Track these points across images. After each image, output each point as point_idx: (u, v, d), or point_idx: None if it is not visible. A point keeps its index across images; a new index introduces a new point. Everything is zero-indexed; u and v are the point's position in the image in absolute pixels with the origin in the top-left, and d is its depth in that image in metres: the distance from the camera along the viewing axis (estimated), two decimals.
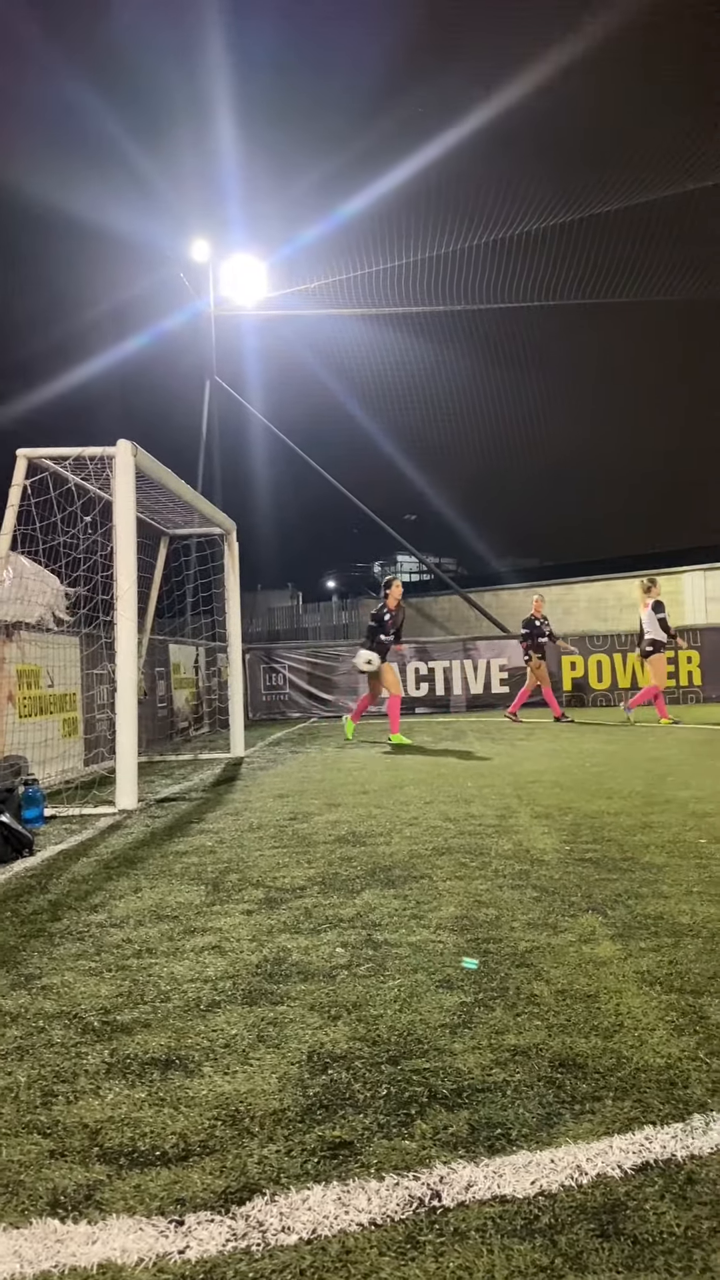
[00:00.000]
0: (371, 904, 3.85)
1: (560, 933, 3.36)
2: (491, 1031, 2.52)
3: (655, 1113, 2.06)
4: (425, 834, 5.35)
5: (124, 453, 6.78)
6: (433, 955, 3.16)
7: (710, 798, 6.27)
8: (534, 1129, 2.01)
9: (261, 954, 3.25)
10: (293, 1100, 2.17)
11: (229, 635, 10.62)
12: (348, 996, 2.81)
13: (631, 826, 5.34)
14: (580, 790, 6.84)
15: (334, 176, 17.38)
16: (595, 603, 22.34)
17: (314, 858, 4.80)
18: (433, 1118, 2.07)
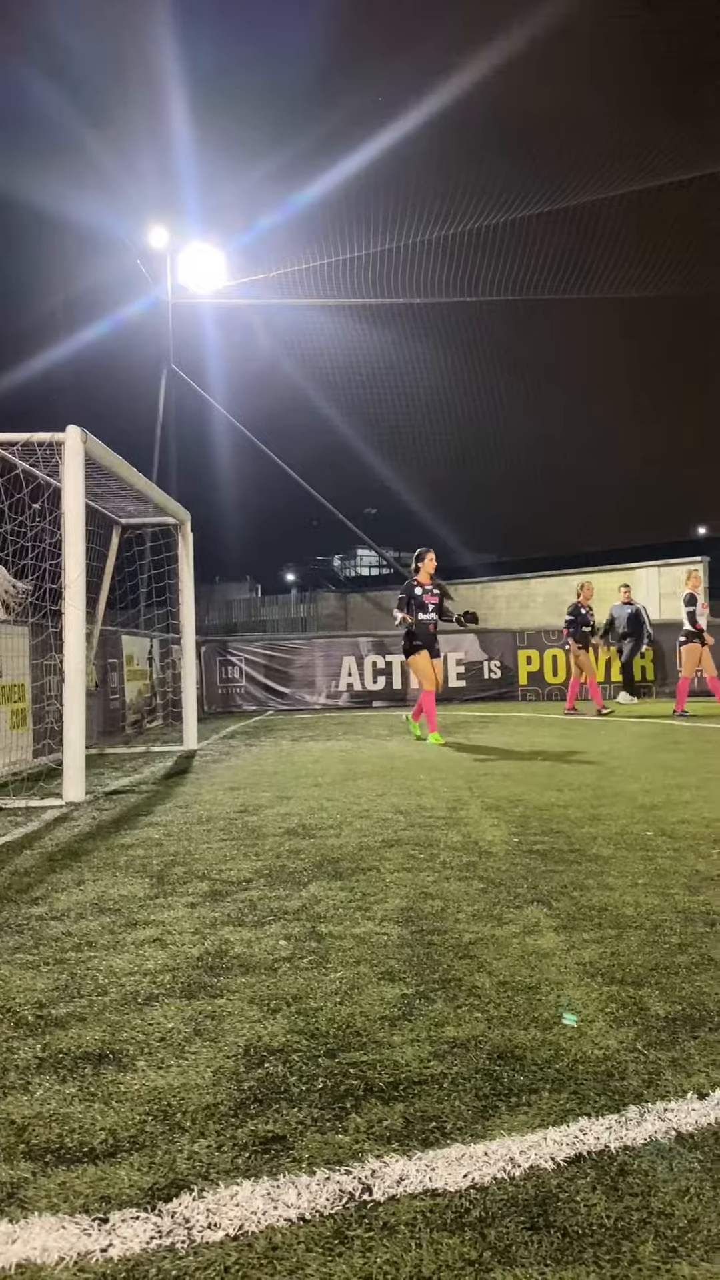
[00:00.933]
0: (318, 896, 3.82)
1: (505, 924, 3.35)
2: (431, 1024, 2.50)
3: (591, 1104, 2.05)
4: (375, 826, 5.33)
5: (73, 438, 6.68)
6: (376, 947, 3.14)
7: (658, 790, 6.31)
8: (469, 1122, 1.99)
9: (203, 947, 3.21)
10: (226, 1095, 2.14)
11: (183, 626, 10.52)
12: (288, 989, 2.78)
13: (580, 819, 5.36)
14: (531, 783, 6.86)
15: (291, 164, 17.29)
16: (551, 598, 22.46)
17: (262, 850, 4.77)
18: (368, 1111, 2.05)
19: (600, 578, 22.06)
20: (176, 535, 10.32)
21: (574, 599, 14.64)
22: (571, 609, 14.13)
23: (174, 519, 10.12)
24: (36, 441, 6.87)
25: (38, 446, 6.99)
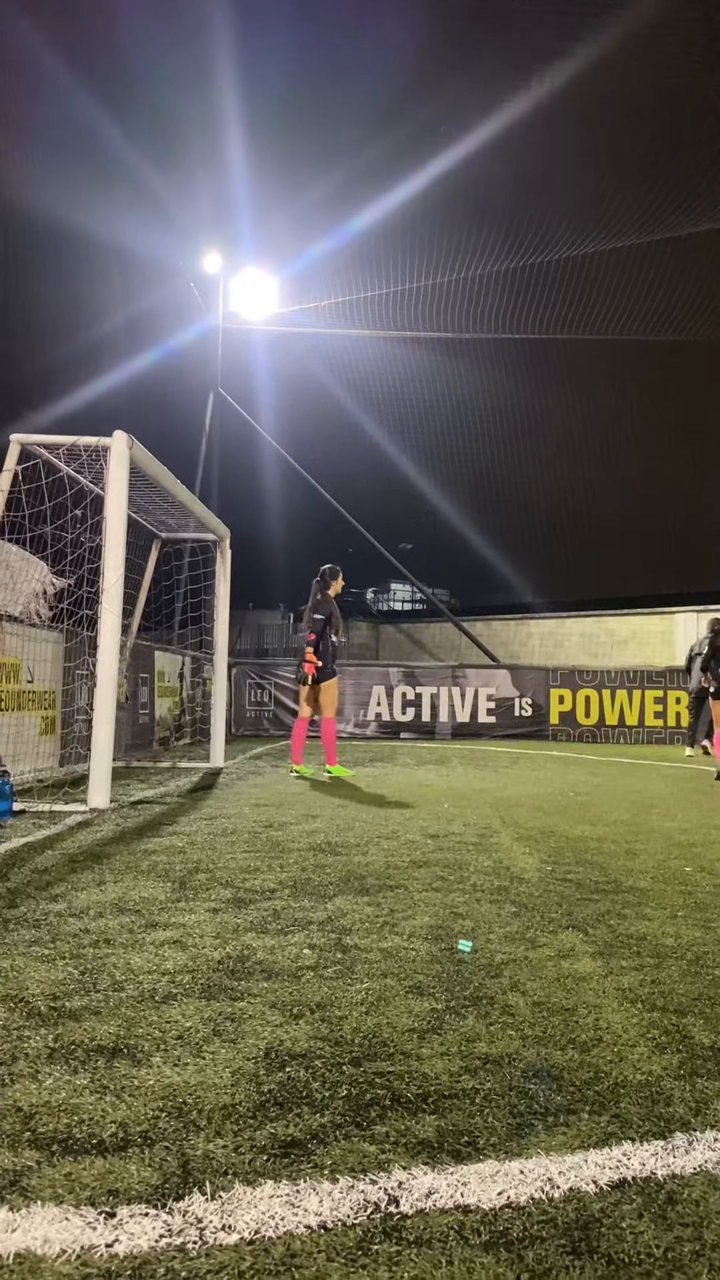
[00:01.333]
0: (343, 909, 3.69)
1: (538, 947, 3.21)
2: (462, 1039, 2.36)
3: (634, 1129, 1.91)
4: (403, 847, 5.20)
5: (119, 443, 6.67)
6: (404, 961, 3.01)
7: (695, 829, 6.13)
8: (503, 1138, 1.86)
9: (225, 951, 3.09)
10: (245, 1096, 2.02)
11: (216, 643, 10.47)
12: (312, 996, 2.66)
13: (615, 852, 5.20)
14: (564, 816, 6.69)
15: (344, 190, 17.42)
16: (587, 638, 22.27)
17: (287, 863, 4.65)
18: (395, 1121, 1.92)
19: (638, 620, 21.86)
20: (215, 551, 10.30)
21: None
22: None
23: (214, 535, 10.10)
24: (83, 445, 6.86)
25: (83, 451, 6.99)
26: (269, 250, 20.21)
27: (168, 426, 21.81)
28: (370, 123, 17.61)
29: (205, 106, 16.62)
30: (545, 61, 15.72)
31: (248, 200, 18.77)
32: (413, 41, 15.82)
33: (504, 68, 15.68)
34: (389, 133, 17.23)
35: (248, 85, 16.11)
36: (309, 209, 18.39)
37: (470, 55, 15.83)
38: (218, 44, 15.35)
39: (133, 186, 18.61)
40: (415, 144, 16.75)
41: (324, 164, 17.88)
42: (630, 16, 15.41)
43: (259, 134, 17.05)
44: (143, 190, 18.60)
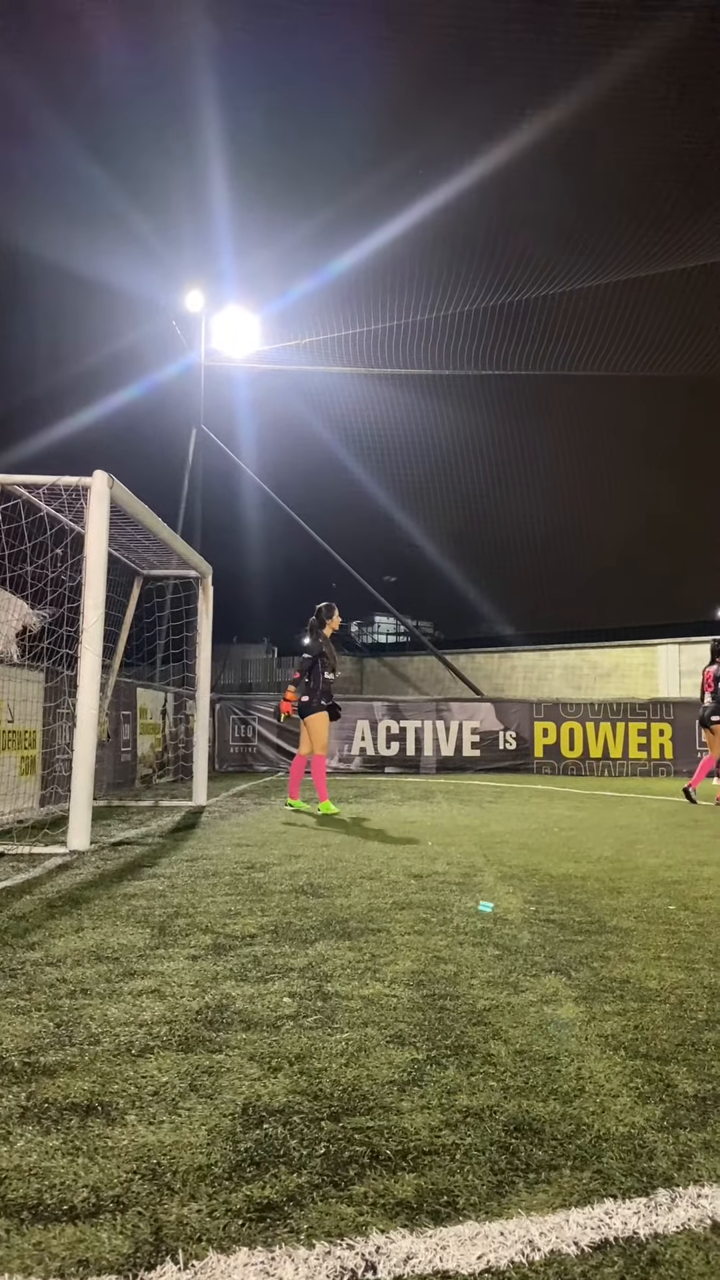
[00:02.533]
0: (325, 955, 3.65)
1: (521, 992, 3.18)
2: (443, 1091, 2.33)
3: (617, 1185, 1.88)
4: (386, 888, 5.16)
5: (100, 483, 6.67)
6: (385, 1009, 2.97)
7: (679, 865, 6.11)
8: (484, 1198, 1.82)
9: (203, 1000, 3.04)
10: (221, 1155, 1.98)
11: (198, 680, 10.43)
12: (291, 1048, 2.62)
13: (599, 890, 5.17)
14: (548, 853, 6.66)
15: (326, 231, 17.63)
16: (570, 671, 22.31)
17: (268, 907, 4.60)
18: (373, 1180, 1.88)
19: (620, 653, 21.94)
20: (197, 588, 10.29)
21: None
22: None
23: (196, 571, 10.09)
24: (64, 485, 6.86)
25: (64, 491, 6.99)
26: (251, 289, 20.41)
27: (150, 463, 21.89)
28: (350, 167, 17.87)
29: (189, 150, 16.82)
30: (523, 107, 16.01)
31: (230, 240, 18.97)
32: (391, 89, 16.09)
33: (481, 114, 15.96)
34: (369, 176, 17.48)
35: (230, 129, 16.33)
36: (291, 249, 18.60)
37: (448, 102, 16.11)
38: (202, 90, 15.55)
39: (117, 226, 18.78)
40: (394, 187, 17.00)
41: (305, 206, 18.12)
42: (608, 64, 15.72)
43: (241, 177, 17.27)
44: (126, 230, 18.77)
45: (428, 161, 16.69)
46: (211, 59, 15.11)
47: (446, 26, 14.91)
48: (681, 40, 15.27)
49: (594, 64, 15.74)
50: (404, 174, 16.91)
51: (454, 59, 15.40)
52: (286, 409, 22.28)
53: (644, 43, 15.06)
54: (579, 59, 15.69)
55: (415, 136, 17.02)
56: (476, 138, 15.96)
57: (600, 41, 15.47)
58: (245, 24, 14.46)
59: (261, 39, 14.98)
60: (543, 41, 15.42)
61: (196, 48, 14.73)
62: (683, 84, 16.45)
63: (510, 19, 15.20)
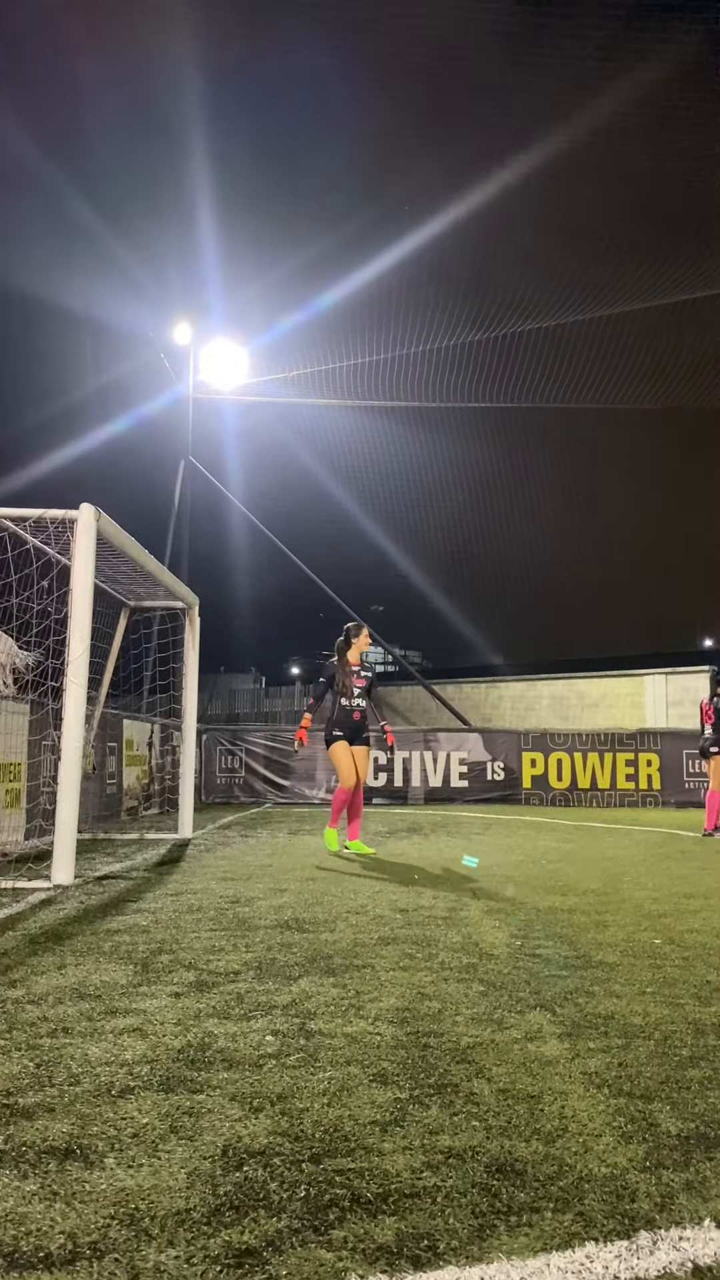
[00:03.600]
0: (308, 992, 3.63)
1: (505, 1029, 3.17)
2: (425, 1131, 2.32)
3: (599, 1228, 1.87)
4: (371, 923, 5.13)
5: (86, 515, 6.69)
6: (369, 1048, 2.96)
7: (666, 898, 6.11)
8: (465, 1241, 1.81)
9: (185, 1039, 3.02)
10: (200, 1199, 1.96)
11: (184, 712, 10.41)
12: (273, 1088, 2.60)
13: (585, 924, 5.16)
14: (534, 886, 6.65)
15: (314, 266, 17.82)
16: (557, 701, 22.34)
17: (252, 942, 4.57)
18: (353, 1224, 1.87)
19: (608, 683, 21.98)
20: (184, 619, 10.29)
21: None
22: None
23: (183, 603, 10.11)
24: (50, 518, 6.88)
25: (50, 524, 7.00)
26: (239, 322, 20.57)
27: (138, 494, 21.96)
28: (338, 202, 18.09)
29: (176, 183, 17.01)
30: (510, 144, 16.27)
31: (218, 274, 19.15)
32: (378, 126, 16.35)
33: (467, 151, 16.21)
34: (357, 212, 17.70)
35: (217, 165, 16.53)
36: (279, 283, 18.78)
37: (434, 139, 16.36)
38: (189, 123, 15.76)
39: (104, 260, 18.94)
40: (382, 223, 17.22)
41: (293, 241, 18.31)
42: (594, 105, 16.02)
43: (229, 211, 17.46)
44: (114, 263, 18.93)
45: (415, 197, 16.93)
46: (199, 94, 15.32)
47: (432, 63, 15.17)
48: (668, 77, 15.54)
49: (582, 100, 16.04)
50: (391, 209, 17.15)
51: (440, 96, 15.66)
52: (275, 440, 22.41)
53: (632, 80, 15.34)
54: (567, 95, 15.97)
55: (402, 173, 17.25)
56: (464, 174, 16.20)
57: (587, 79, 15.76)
58: (233, 59, 14.68)
59: (249, 74, 15.20)
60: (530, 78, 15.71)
61: (184, 83, 14.93)
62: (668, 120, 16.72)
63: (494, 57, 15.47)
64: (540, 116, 15.51)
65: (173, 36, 13.81)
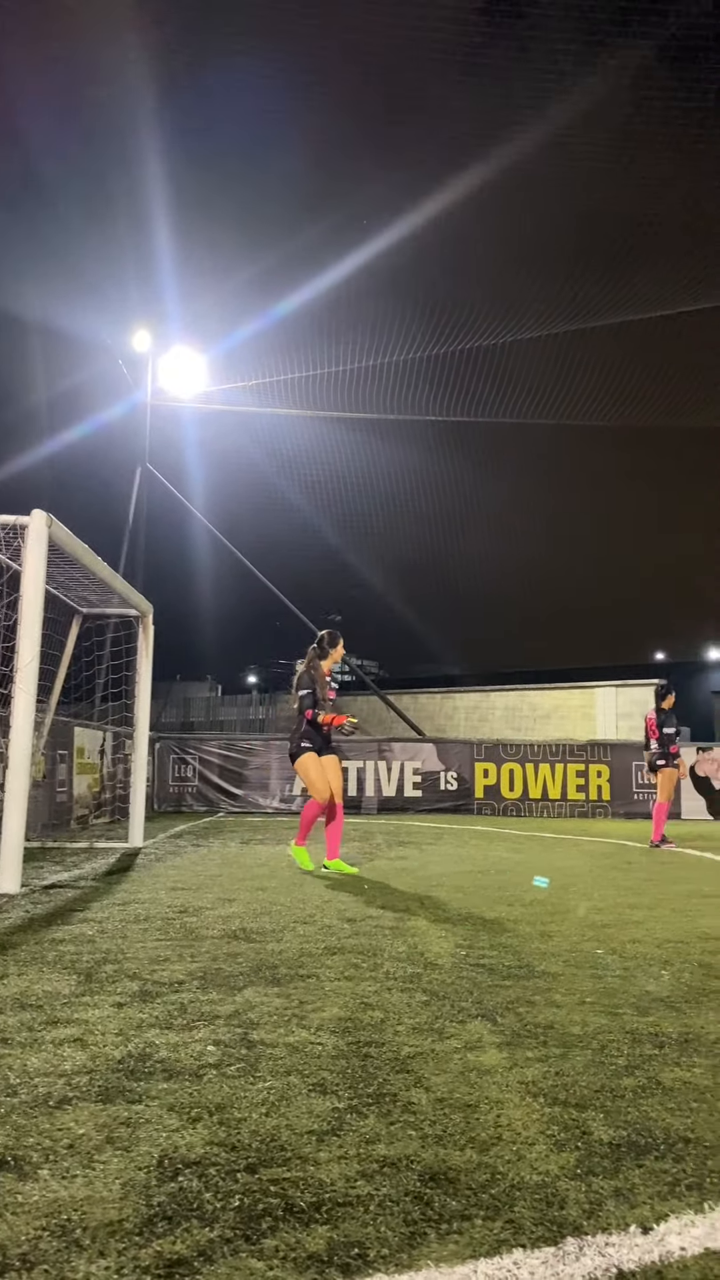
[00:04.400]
0: (252, 1002, 3.64)
1: (446, 1039, 3.20)
2: (361, 1140, 2.34)
3: (527, 1235, 1.90)
4: (319, 933, 5.15)
5: (38, 522, 6.65)
6: (310, 1057, 2.97)
7: (610, 909, 6.18)
8: (394, 1249, 1.83)
9: (126, 1049, 3.02)
10: (134, 1210, 1.96)
11: (136, 721, 10.35)
12: (212, 1098, 2.61)
13: (530, 934, 5.21)
14: (482, 896, 6.70)
15: (271, 275, 17.85)
16: (510, 712, 22.51)
17: (198, 952, 4.57)
18: (285, 1233, 1.88)
19: (560, 695, 22.19)
20: (138, 627, 10.25)
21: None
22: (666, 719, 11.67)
23: (136, 610, 10.06)
24: (1, 524, 6.83)
25: (1, 530, 6.95)
26: (197, 330, 20.53)
27: (94, 501, 21.81)
28: (294, 213, 18.14)
29: (133, 191, 16.96)
30: (465, 156, 16.42)
31: (175, 282, 19.09)
32: (333, 136, 16.44)
33: (426, 162, 16.33)
34: (313, 223, 17.76)
35: (172, 171, 16.51)
36: (236, 292, 18.78)
37: (390, 152, 16.48)
38: (144, 131, 15.72)
39: (61, 266, 18.82)
40: (338, 235, 17.30)
41: (250, 251, 18.32)
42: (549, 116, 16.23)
43: (186, 219, 17.43)
44: (70, 269, 18.82)
45: (372, 210, 17.03)
46: (153, 101, 15.28)
47: (385, 75, 15.29)
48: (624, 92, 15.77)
49: (538, 112, 16.24)
50: (346, 224, 17.24)
51: (394, 108, 15.78)
52: (233, 449, 22.37)
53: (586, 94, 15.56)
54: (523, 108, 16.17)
55: (358, 184, 17.35)
56: (420, 187, 16.32)
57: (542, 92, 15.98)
58: (188, 66, 14.67)
59: (200, 83, 15.20)
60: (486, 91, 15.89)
61: (138, 89, 14.89)
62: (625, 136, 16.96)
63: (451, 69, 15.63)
64: (496, 130, 15.67)
65: (123, 41, 13.78)
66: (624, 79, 14.40)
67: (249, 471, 22.65)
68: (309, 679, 8.30)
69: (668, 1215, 1.99)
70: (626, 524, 26.65)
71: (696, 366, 20.17)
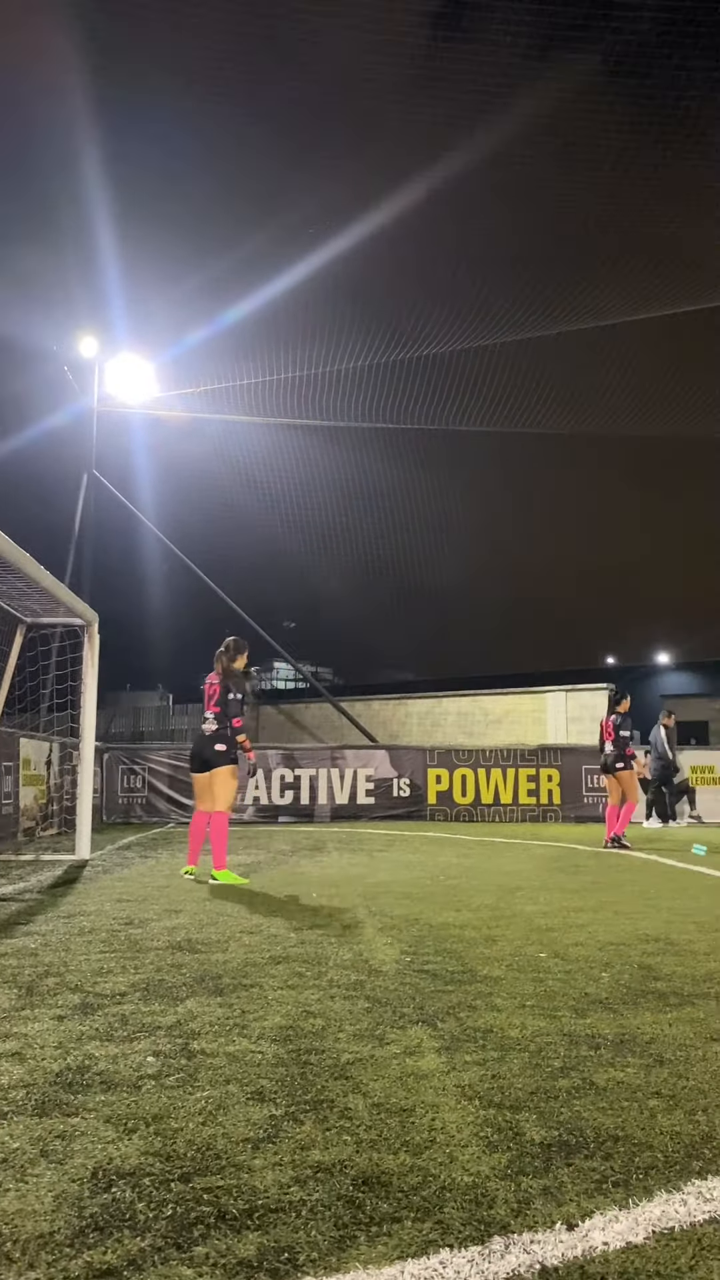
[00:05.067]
0: (194, 1012, 3.64)
1: (386, 1044, 3.23)
2: (296, 1147, 2.36)
3: (455, 1235, 1.93)
4: (264, 942, 5.15)
5: None
6: (249, 1066, 2.99)
7: (556, 912, 6.26)
8: (324, 1253, 1.86)
9: (64, 1062, 3.01)
10: (65, 1222, 1.97)
11: (83, 731, 10.28)
12: (149, 1108, 2.61)
13: (475, 939, 5.26)
14: (430, 902, 6.74)
15: (219, 283, 17.83)
16: (463, 717, 22.63)
17: (142, 964, 4.55)
18: (217, 1240, 1.90)
19: (511, 700, 22.36)
20: (84, 636, 10.17)
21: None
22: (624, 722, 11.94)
23: (81, 620, 9.99)
24: None
25: None
26: (145, 337, 20.44)
27: (39, 508, 21.60)
28: (241, 221, 18.15)
29: (77, 198, 16.86)
30: (413, 165, 16.56)
31: (122, 289, 19.00)
32: (280, 146, 16.49)
33: (373, 171, 16.44)
34: (260, 230, 17.79)
35: (117, 177, 16.43)
36: (184, 299, 18.73)
37: (338, 158, 16.58)
38: (86, 138, 15.63)
39: (1, 271, 18.64)
40: (286, 244, 17.34)
41: (197, 258, 18.29)
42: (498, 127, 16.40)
43: (133, 226, 17.36)
44: (13, 276, 18.65)
45: (319, 217, 17.10)
46: (100, 110, 15.22)
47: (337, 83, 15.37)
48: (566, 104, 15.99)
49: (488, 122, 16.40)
50: (293, 233, 17.30)
51: (345, 116, 15.88)
52: (182, 455, 22.29)
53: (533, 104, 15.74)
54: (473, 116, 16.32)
55: (305, 193, 17.42)
56: (367, 195, 16.44)
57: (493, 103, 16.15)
58: (127, 74, 14.62)
59: (145, 92, 15.18)
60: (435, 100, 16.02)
61: (82, 94, 14.82)
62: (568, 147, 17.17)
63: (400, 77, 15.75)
64: (444, 139, 15.81)
65: (62, 48, 13.71)
66: (568, 92, 14.61)
67: (199, 478, 22.60)
68: (240, 684, 8.30)
69: (593, 1212, 2.04)
70: (577, 532, 26.98)
71: (644, 375, 20.49)
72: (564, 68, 14.29)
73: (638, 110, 14.82)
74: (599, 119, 15.11)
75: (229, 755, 8.17)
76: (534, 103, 14.85)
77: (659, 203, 16.79)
